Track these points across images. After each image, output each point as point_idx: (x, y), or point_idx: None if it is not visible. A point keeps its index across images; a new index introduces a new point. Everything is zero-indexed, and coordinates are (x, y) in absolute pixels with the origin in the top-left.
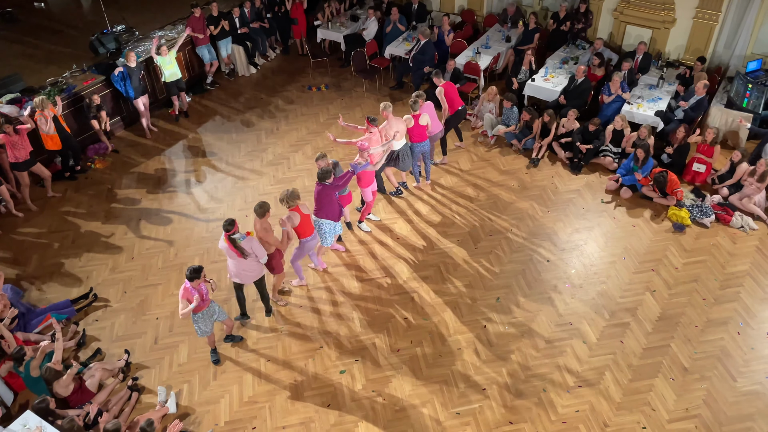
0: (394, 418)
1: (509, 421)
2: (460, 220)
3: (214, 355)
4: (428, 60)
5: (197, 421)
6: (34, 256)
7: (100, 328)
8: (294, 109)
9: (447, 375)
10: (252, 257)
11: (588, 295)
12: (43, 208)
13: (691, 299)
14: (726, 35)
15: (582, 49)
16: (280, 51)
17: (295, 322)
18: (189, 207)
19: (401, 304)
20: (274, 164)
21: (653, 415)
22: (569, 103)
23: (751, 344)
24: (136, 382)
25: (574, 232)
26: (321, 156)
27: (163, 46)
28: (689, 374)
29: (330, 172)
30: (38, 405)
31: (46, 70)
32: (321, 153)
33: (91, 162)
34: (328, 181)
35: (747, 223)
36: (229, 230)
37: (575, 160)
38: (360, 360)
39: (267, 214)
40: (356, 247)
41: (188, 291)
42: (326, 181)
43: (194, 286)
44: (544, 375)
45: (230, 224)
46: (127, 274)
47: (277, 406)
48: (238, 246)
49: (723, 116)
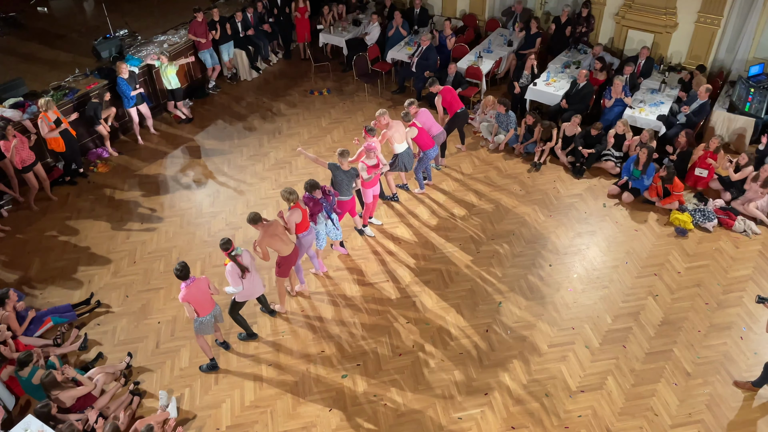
0: (396, 423)
1: (511, 426)
2: (461, 224)
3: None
4: (431, 65)
5: (199, 425)
6: (35, 260)
7: (102, 333)
8: (296, 113)
9: (449, 380)
10: (254, 272)
11: (590, 299)
12: (45, 212)
13: (693, 304)
14: (728, 39)
15: (584, 53)
16: (282, 55)
17: (296, 326)
18: (191, 211)
19: (403, 309)
20: (275, 168)
21: (656, 420)
22: (571, 108)
23: (754, 349)
24: (138, 387)
25: (576, 237)
26: (343, 152)
27: (163, 54)
28: (692, 379)
29: (316, 185)
30: (40, 409)
31: (48, 75)
32: (344, 149)
33: (93, 166)
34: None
35: (750, 228)
36: (228, 249)
37: (577, 164)
38: (362, 364)
39: (260, 222)
40: (357, 252)
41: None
42: (312, 193)
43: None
44: (546, 380)
45: (227, 243)
46: (129, 278)
47: (279, 411)
48: (239, 264)
49: (725, 121)
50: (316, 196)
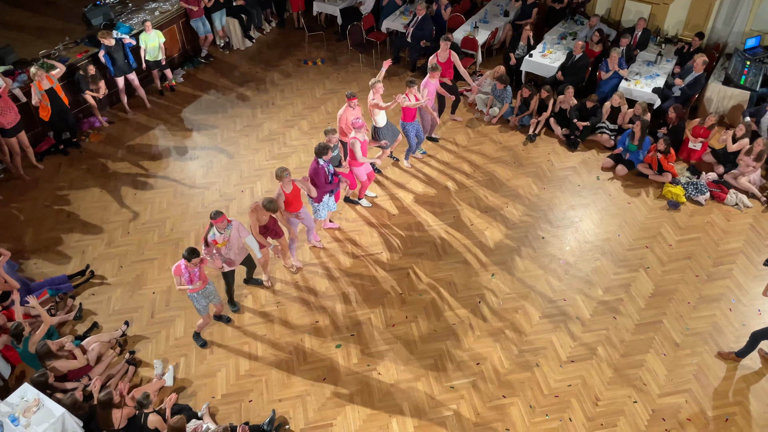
0: (388, 392)
1: (502, 395)
2: (455, 196)
3: (199, 339)
4: (427, 35)
5: (194, 394)
6: (28, 231)
7: (97, 303)
8: (290, 84)
9: (441, 350)
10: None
11: (582, 271)
12: (38, 182)
13: (684, 276)
14: (725, 11)
15: (580, 24)
16: (275, 24)
17: (290, 297)
18: (184, 182)
19: (396, 280)
20: (269, 139)
21: (644, 389)
22: (567, 79)
23: (743, 321)
24: (133, 356)
25: (570, 209)
26: (330, 130)
27: (148, 21)
28: (680, 350)
29: (327, 147)
30: (37, 378)
31: (38, 43)
32: (331, 128)
33: (86, 136)
34: (324, 158)
35: (741, 201)
36: (216, 218)
37: (572, 137)
38: (355, 335)
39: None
40: (351, 224)
41: (180, 269)
42: (322, 157)
43: (186, 266)
44: (537, 350)
45: (217, 214)
46: (123, 249)
47: (274, 380)
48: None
49: (720, 93)
50: (327, 159)
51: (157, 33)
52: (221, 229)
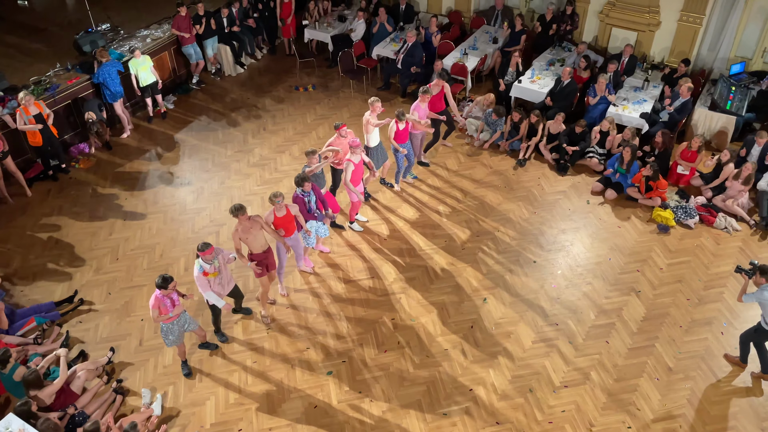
0: (381, 419)
1: (496, 421)
2: (446, 221)
3: (185, 368)
4: (417, 62)
5: (183, 423)
6: (16, 257)
7: (84, 330)
8: (281, 110)
9: (434, 376)
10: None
11: (574, 295)
12: (26, 208)
13: (675, 299)
14: (710, 38)
15: (568, 51)
16: (267, 51)
17: (280, 324)
18: (174, 208)
19: (388, 306)
20: (260, 165)
21: (638, 414)
22: (555, 105)
23: (735, 344)
24: (121, 385)
25: (560, 233)
26: (311, 152)
27: (137, 50)
28: (674, 374)
29: (305, 179)
30: (20, 407)
31: (29, 69)
32: (311, 149)
33: (75, 162)
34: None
35: (730, 225)
36: (204, 250)
37: (561, 161)
38: (346, 361)
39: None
40: (342, 249)
41: (158, 299)
42: (301, 187)
43: (164, 294)
44: (530, 375)
45: (204, 246)
46: (112, 275)
47: (264, 408)
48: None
49: (707, 119)
50: (306, 190)
51: (145, 57)
52: (209, 260)
